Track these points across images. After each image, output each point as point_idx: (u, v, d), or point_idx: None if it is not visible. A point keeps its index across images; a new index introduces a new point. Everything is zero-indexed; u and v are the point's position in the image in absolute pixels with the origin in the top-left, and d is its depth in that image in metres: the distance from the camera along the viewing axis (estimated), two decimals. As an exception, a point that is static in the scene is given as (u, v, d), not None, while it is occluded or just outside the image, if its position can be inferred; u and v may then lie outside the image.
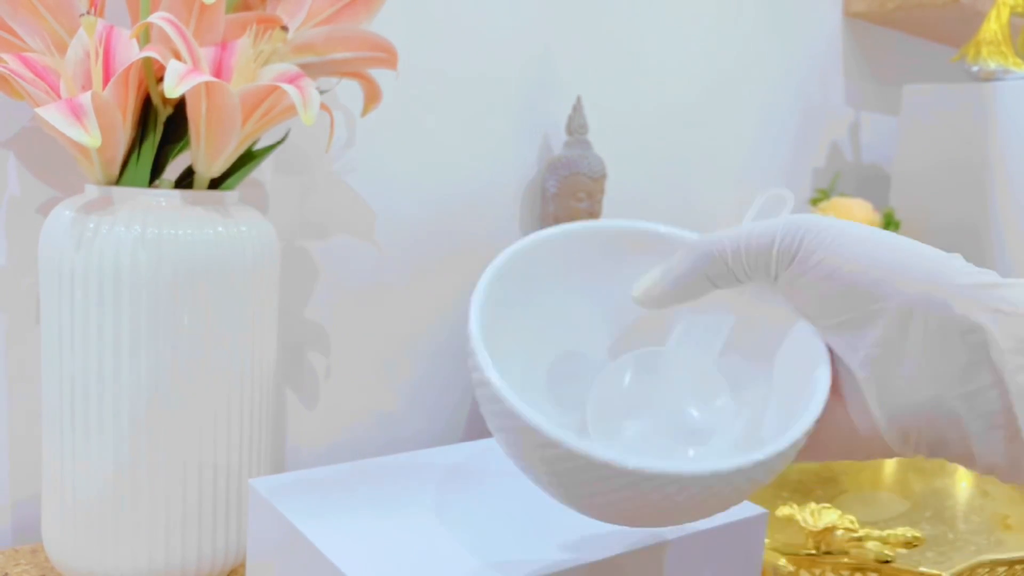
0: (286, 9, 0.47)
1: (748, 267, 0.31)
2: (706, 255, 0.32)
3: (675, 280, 0.33)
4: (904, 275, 0.28)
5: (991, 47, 0.92)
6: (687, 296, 0.33)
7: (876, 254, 0.29)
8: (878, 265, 0.29)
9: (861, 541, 0.48)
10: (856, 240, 0.29)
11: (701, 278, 0.32)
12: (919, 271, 0.28)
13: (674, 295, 0.33)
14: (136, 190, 0.45)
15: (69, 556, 0.45)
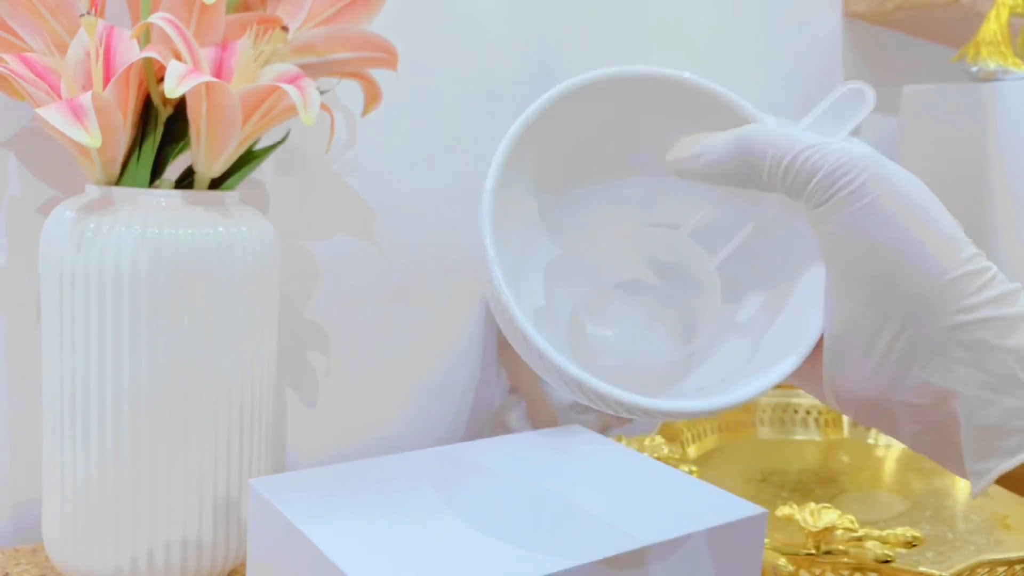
0: (286, 9, 0.47)
1: (780, 184, 0.29)
2: (743, 156, 0.30)
3: (706, 165, 0.31)
4: (911, 281, 0.27)
5: (991, 47, 0.92)
6: (713, 183, 0.32)
7: (900, 239, 0.27)
8: (892, 257, 0.27)
9: (861, 541, 0.48)
10: (889, 215, 0.28)
11: (731, 175, 0.31)
12: (925, 279, 0.27)
13: (701, 176, 0.32)
14: (136, 190, 0.45)
15: (69, 556, 0.46)
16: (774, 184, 0.29)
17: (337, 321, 0.66)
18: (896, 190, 0.28)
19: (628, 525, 0.38)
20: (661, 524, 0.38)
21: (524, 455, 0.46)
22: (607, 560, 0.35)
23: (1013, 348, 0.27)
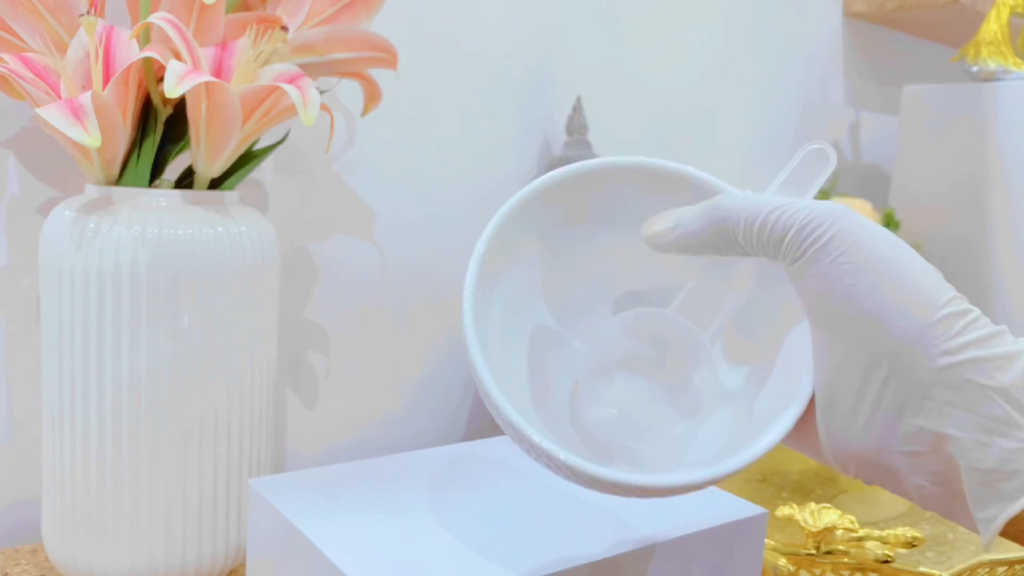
0: (286, 9, 0.47)
1: (755, 245, 0.30)
2: (717, 225, 0.31)
3: (681, 236, 0.32)
4: (891, 324, 0.27)
5: (991, 47, 0.92)
6: (691, 253, 0.32)
7: (876, 289, 0.28)
8: (871, 307, 0.28)
9: (861, 541, 0.48)
10: (860, 265, 0.28)
11: (708, 243, 0.31)
12: (905, 322, 0.27)
13: (678, 249, 0.32)
14: (136, 190, 0.45)
15: (69, 556, 0.45)
16: (750, 246, 0.30)
17: (337, 321, 0.66)
18: (866, 239, 0.29)
19: (628, 525, 0.38)
20: (661, 524, 0.38)
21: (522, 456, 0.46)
22: (607, 560, 0.35)
23: (1002, 388, 0.26)
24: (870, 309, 0.28)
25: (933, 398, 0.27)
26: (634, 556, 0.36)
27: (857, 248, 0.28)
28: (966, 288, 1.07)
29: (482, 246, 0.33)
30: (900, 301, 0.28)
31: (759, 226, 0.30)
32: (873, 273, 0.28)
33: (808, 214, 0.29)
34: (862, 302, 0.28)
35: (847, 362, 0.28)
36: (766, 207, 0.30)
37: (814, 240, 0.29)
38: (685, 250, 0.32)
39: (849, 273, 0.28)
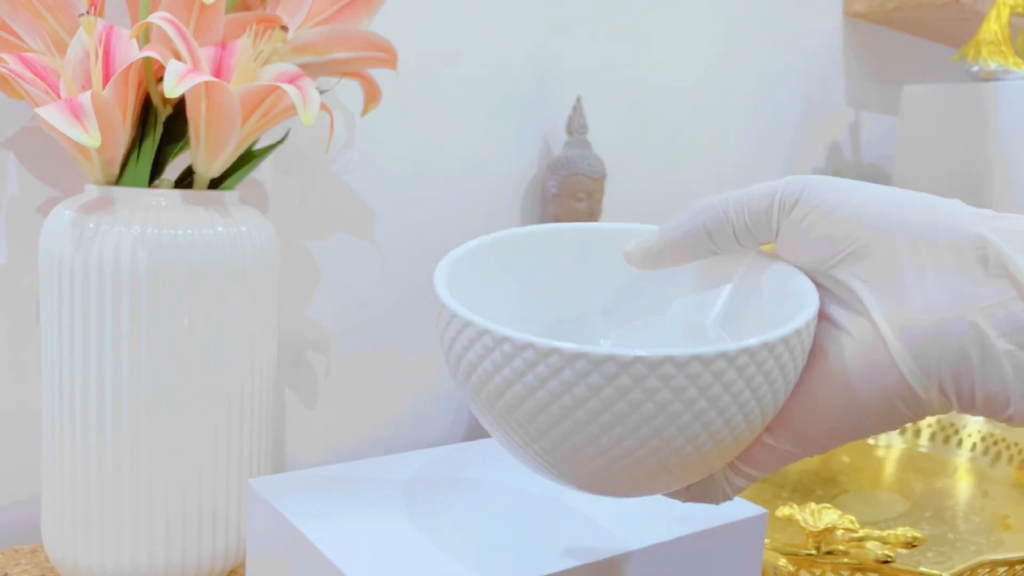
0: (286, 9, 0.47)
1: (750, 221, 0.30)
2: (707, 210, 0.31)
3: (673, 237, 0.32)
4: (908, 207, 0.28)
5: (991, 47, 0.92)
6: (684, 255, 0.32)
7: (879, 195, 0.28)
8: (882, 203, 0.28)
9: (861, 541, 0.48)
10: (858, 189, 0.29)
11: (701, 235, 0.31)
12: (921, 206, 0.28)
13: (671, 253, 0.32)
14: (136, 190, 0.45)
15: (69, 556, 0.45)
16: (741, 226, 0.30)
17: (336, 321, 0.66)
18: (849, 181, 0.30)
19: (629, 526, 0.38)
20: (661, 524, 0.38)
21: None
22: (607, 561, 0.35)
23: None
24: (885, 203, 0.28)
25: (982, 247, 0.26)
26: (634, 557, 0.36)
27: (848, 183, 0.29)
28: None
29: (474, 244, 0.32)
30: (906, 193, 0.28)
31: (747, 198, 0.30)
32: (871, 189, 0.29)
33: (787, 179, 0.30)
34: (877, 203, 0.28)
35: (889, 247, 0.28)
36: (745, 188, 0.31)
37: (804, 184, 0.29)
38: (676, 254, 0.32)
39: (851, 192, 0.29)
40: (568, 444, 0.25)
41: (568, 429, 0.25)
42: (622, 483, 0.27)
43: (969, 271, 0.26)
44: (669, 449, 0.25)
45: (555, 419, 0.25)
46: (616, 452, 0.25)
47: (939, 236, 0.27)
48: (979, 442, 0.72)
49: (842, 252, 0.28)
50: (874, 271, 0.28)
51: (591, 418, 0.25)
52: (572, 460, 0.26)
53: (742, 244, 0.31)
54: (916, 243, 0.27)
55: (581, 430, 0.25)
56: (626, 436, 0.25)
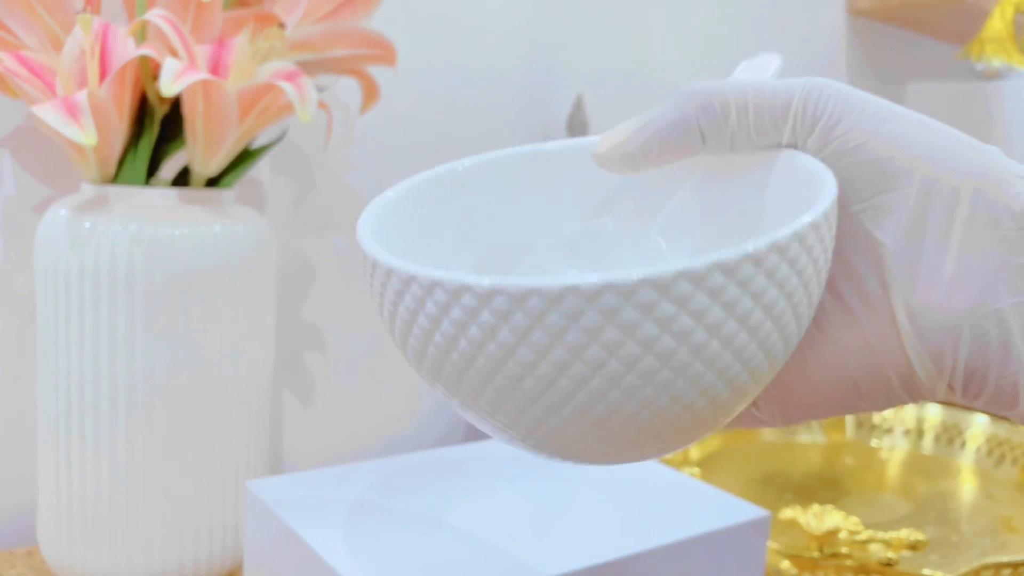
0: (284, 6, 0.47)
1: (755, 129, 0.25)
2: (704, 106, 0.25)
3: (657, 133, 0.25)
4: (949, 157, 0.23)
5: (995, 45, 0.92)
6: (668, 155, 0.26)
7: (913, 132, 0.24)
8: (917, 143, 0.23)
9: (865, 543, 0.48)
10: (888, 114, 0.24)
11: (692, 133, 0.25)
12: (964, 156, 0.23)
13: (653, 153, 0.26)
14: (132, 189, 0.44)
15: (65, 559, 0.45)
16: (743, 132, 0.25)
17: (334, 321, 0.65)
18: (876, 99, 0.25)
19: (630, 528, 0.38)
20: (663, 527, 0.38)
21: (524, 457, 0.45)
22: (609, 564, 0.35)
23: None
24: (921, 145, 0.23)
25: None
26: (636, 559, 0.36)
27: (876, 103, 0.24)
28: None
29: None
30: (944, 132, 0.24)
31: (755, 99, 0.24)
32: (904, 121, 0.24)
33: (806, 82, 0.24)
34: (911, 140, 0.23)
35: (913, 212, 0.23)
36: (750, 82, 0.25)
37: (827, 99, 0.24)
38: (659, 152, 0.26)
39: (881, 120, 0.24)
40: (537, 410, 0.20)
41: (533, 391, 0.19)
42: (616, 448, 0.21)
43: (1006, 254, 0.23)
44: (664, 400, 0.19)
45: (514, 380, 0.19)
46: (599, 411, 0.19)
47: (979, 205, 0.23)
48: (983, 444, 0.72)
49: (864, 202, 0.24)
50: (899, 233, 0.23)
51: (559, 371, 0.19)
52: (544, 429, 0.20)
53: (736, 150, 0.26)
54: (952, 210, 0.23)
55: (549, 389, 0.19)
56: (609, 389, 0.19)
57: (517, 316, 0.18)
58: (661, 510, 0.40)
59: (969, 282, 0.23)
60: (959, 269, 0.23)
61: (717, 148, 0.26)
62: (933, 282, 0.23)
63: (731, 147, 0.25)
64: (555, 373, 0.19)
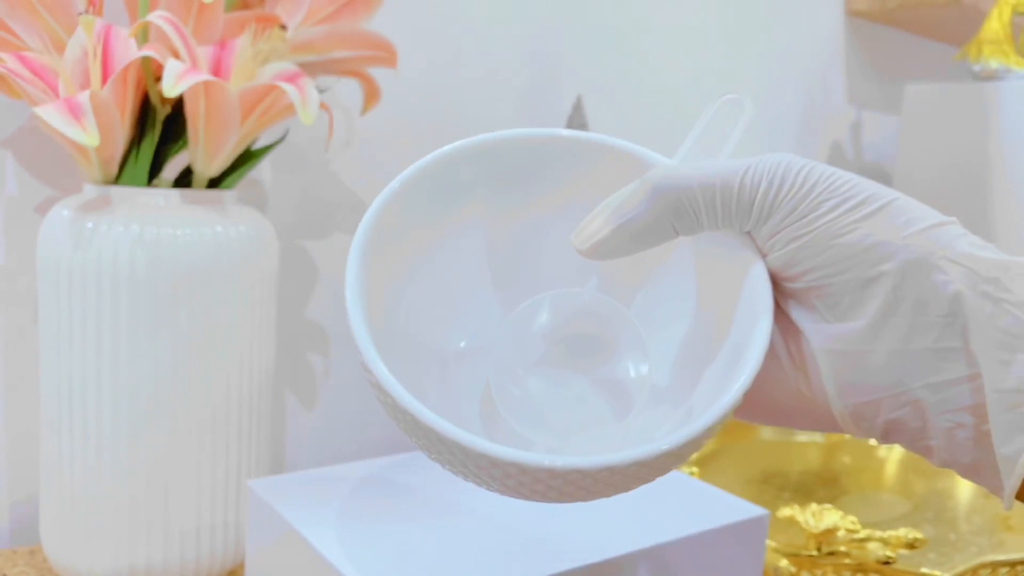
0: (285, 8, 0.47)
1: (723, 216, 0.27)
2: (676, 209, 0.27)
3: (635, 232, 0.28)
4: (888, 243, 0.25)
5: (993, 46, 0.92)
6: (647, 247, 0.28)
7: (874, 217, 0.26)
8: (877, 230, 0.26)
9: (863, 542, 0.48)
10: (843, 193, 0.26)
11: (666, 231, 0.28)
12: (906, 240, 0.25)
13: (632, 247, 0.28)
14: (134, 189, 0.44)
15: (67, 557, 0.45)
16: (713, 219, 0.28)
17: (336, 321, 0.65)
18: (834, 172, 0.27)
19: (631, 527, 0.38)
20: (663, 525, 0.38)
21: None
22: (608, 562, 0.35)
23: (1019, 301, 0.24)
24: (866, 232, 0.26)
25: (952, 313, 0.25)
26: (635, 558, 0.36)
27: (834, 178, 0.26)
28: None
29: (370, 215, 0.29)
30: (893, 215, 0.26)
31: (722, 192, 0.27)
32: (856, 196, 0.26)
33: (774, 165, 0.27)
34: (871, 228, 0.26)
35: (851, 300, 0.26)
36: (723, 173, 0.27)
37: (788, 185, 0.26)
38: (635, 246, 0.28)
39: (833, 205, 0.26)
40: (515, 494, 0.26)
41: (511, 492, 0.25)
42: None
43: (929, 338, 0.25)
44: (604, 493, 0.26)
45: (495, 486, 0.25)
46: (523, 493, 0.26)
47: (910, 290, 0.25)
48: (981, 442, 0.72)
49: (813, 281, 0.27)
50: (834, 313, 0.26)
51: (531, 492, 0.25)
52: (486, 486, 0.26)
53: (708, 229, 0.28)
54: (884, 295, 0.25)
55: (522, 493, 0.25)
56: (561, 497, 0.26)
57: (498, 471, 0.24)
58: (660, 509, 0.40)
59: (892, 363, 0.25)
60: (884, 349, 0.26)
61: (688, 234, 0.28)
62: (859, 360, 0.26)
63: (701, 231, 0.28)
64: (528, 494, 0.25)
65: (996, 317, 0.24)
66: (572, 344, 0.30)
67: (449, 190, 0.30)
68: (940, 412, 0.25)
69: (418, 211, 0.30)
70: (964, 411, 0.25)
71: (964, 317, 0.25)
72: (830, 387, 0.27)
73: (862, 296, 0.26)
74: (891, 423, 0.26)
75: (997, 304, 0.24)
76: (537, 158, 0.31)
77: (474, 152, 0.30)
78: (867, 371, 0.26)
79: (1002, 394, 0.24)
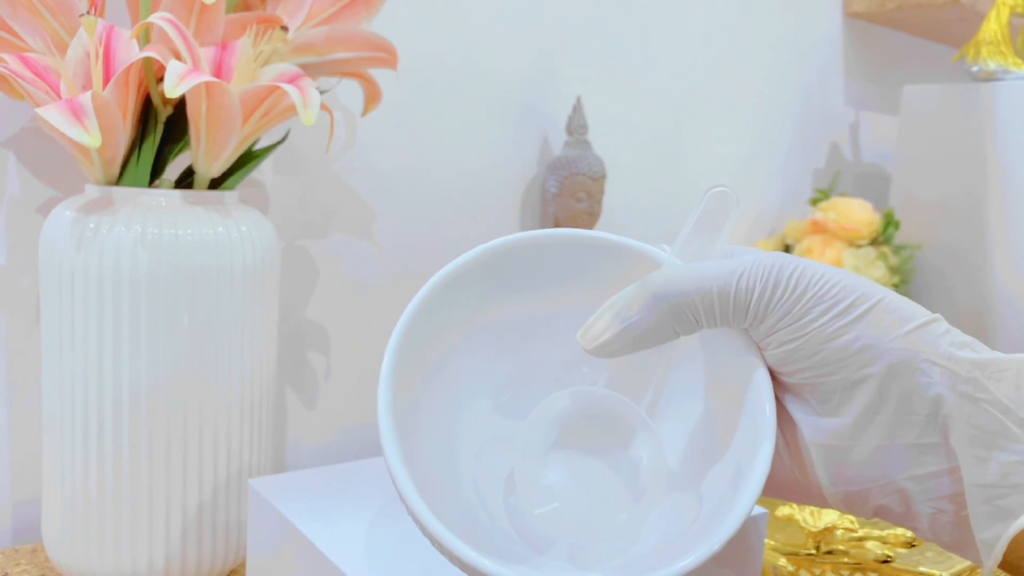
0: (286, 9, 0.47)
1: (720, 319, 0.29)
2: (677, 315, 0.29)
3: (638, 336, 0.30)
4: (874, 347, 0.27)
5: (991, 47, 0.92)
6: (649, 347, 0.30)
7: (863, 320, 0.27)
8: (865, 333, 0.27)
9: (861, 541, 0.48)
10: (834, 295, 0.28)
11: (664, 332, 0.30)
12: (892, 343, 0.27)
13: (635, 348, 0.30)
14: (136, 190, 0.45)
15: (69, 556, 0.45)
16: (712, 322, 0.29)
17: (337, 321, 0.66)
18: (828, 271, 0.29)
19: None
20: (661, 524, 0.38)
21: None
22: (607, 560, 0.35)
23: (995, 400, 0.26)
24: (855, 335, 0.27)
25: (934, 413, 0.27)
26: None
27: (824, 280, 0.28)
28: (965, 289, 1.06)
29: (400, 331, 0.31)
30: (880, 316, 0.27)
31: (719, 297, 0.29)
32: (846, 299, 0.28)
33: (767, 269, 0.28)
34: (845, 332, 0.27)
35: (841, 398, 0.28)
36: (719, 277, 0.29)
37: (782, 292, 0.28)
38: (638, 347, 0.30)
39: (823, 310, 0.28)
40: None
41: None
42: None
43: (913, 434, 0.27)
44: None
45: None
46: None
47: (895, 391, 0.27)
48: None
49: (806, 379, 0.28)
50: (824, 408, 0.28)
51: None
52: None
53: (707, 328, 0.30)
54: (879, 398, 0.27)
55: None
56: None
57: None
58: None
59: (878, 456, 0.28)
60: (871, 444, 0.28)
61: (687, 334, 0.30)
62: (847, 453, 0.28)
63: (699, 331, 0.30)
64: None
65: (974, 416, 0.26)
66: (588, 434, 0.32)
67: (464, 302, 0.33)
68: (923, 500, 0.28)
69: (437, 323, 0.32)
70: (945, 499, 0.27)
71: (944, 416, 0.27)
72: (822, 476, 0.29)
73: (851, 395, 0.28)
74: (879, 508, 0.28)
75: (975, 404, 0.26)
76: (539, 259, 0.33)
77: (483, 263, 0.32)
78: (855, 463, 0.28)
79: (980, 488, 0.26)
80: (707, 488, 0.31)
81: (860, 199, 0.93)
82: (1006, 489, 0.26)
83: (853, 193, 1.07)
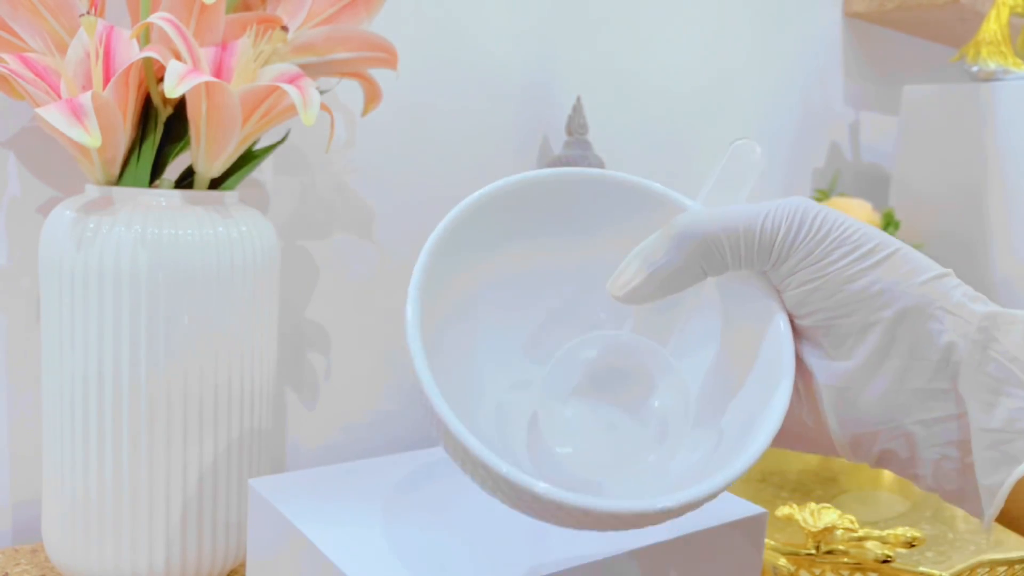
0: (286, 9, 0.47)
1: (745, 258, 0.30)
2: (705, 253, 0.30)
3: (667, 277, 0.30)
4: (891, 290, 0.28)
5: (991, 47, 0.92)
6: (678, 290, 0.31)
7: (882, 266, 0.28)
8: (883, 278, 0.28)
9: (861, 541, 0.48)
10: (854, 240, 0.29)
11: (693, 273, 0.30)
12: (909, 288, 0.28)
13: (665, 291, 0.31)
14: (136, 190, 0.45)
15: (69, 556, 0.45)
16: (737, 261, 0.30)
17: (337, 321, 0.66)
18: (846, 218, 0.29)
19: (628, 525, 0.38)
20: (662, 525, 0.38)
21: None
22: (607, 560, 0.35)
23: (1005, 350, 0.27)
24: (873, 279, 0.28)
25: (945, 359, 0.27)
26: (634, 556, 0.36)
27: (846, 226, 0.29)
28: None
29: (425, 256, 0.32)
30: (898, 264, 0.28)
31: (745, 234, 0.29)
32: (866, 244, 0.29)
33: (792, 211, 0.29)
34: (878, 273, 0.28)
35: (855, 341, 0.28)
36: (745, 218, 0.29)
37: (806, 233, 0.29)
38: (667, 290, 0.31)
39: (844, 252, 0.29)
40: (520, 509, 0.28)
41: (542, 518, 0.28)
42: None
43: (923, 379, 0.28)
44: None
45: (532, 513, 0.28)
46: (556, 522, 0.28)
47: (907, 336, 0.28)
48: (979, 442, 0.72)
49: (823, 321, 0.29)
50: (837, 351, 0.29)
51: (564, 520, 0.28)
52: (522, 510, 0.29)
53: (732, 270, 0.31)
54: (891, 341, 0.28)
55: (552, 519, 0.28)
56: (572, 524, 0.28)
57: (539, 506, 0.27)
58: (660, 507, 0.40)
59: (887, 400, 0.28)
60: (881, 387, 0.28)
61: (716, 274, 0.31)
62: (858, 395, 0.29)
63: (727, 271, 0.31)
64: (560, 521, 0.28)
65: (984, 364, 0.27)
66: (612, 378, 0.33)
67: (486, 239, 0.33)
68: (929, 445, 0.28)
69: (461, 259, 0.33)
70: (951, 445, 0.28)
71: (955, 363, 0.27)
72: (831, 419, 0.29)
73: (864, 337, 0.28)
74: (884, 453, 0.29)
75: (985, 352, 0.27)
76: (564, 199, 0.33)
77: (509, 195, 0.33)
78: (865, 406, 0.29)
79: (986, 432, 0.27)
80: (727, 423, 0.31)
81: (860, 199, 0.93)
82: (1012, 435, 0.26)
83: (853, 193, 1.07)
